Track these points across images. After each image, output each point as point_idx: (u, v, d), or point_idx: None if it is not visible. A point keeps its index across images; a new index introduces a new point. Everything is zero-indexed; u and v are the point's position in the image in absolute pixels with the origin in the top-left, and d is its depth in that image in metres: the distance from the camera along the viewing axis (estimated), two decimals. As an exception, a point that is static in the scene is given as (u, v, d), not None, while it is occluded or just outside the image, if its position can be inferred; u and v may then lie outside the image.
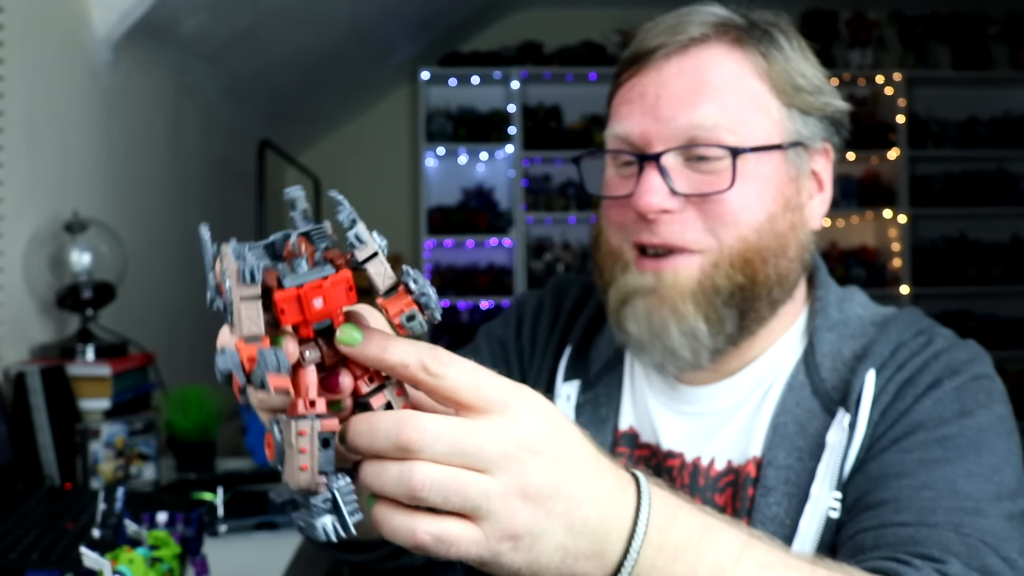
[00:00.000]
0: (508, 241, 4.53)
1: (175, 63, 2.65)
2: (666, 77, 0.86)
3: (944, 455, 0.78)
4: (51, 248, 1.77)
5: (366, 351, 0.49)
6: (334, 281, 0.49)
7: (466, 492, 0.48)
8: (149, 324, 2.35)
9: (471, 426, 0.49)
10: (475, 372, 0.50)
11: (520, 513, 0.49)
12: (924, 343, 0.86)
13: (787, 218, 0.86)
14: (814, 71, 0.89)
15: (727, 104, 0.84)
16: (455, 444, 0.48)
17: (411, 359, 0.49)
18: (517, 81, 4.44)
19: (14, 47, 1.72)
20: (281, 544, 1.31)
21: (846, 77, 4.64)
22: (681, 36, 0.87)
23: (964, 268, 4.69)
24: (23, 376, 1.53)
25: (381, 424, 0.48)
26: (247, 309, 0.47)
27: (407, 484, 0.47)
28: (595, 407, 0.96)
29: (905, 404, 0.82)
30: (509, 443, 0.49)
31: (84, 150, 2.07)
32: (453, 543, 0.49)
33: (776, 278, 0.86)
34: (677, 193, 0.84)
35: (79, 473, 1.54)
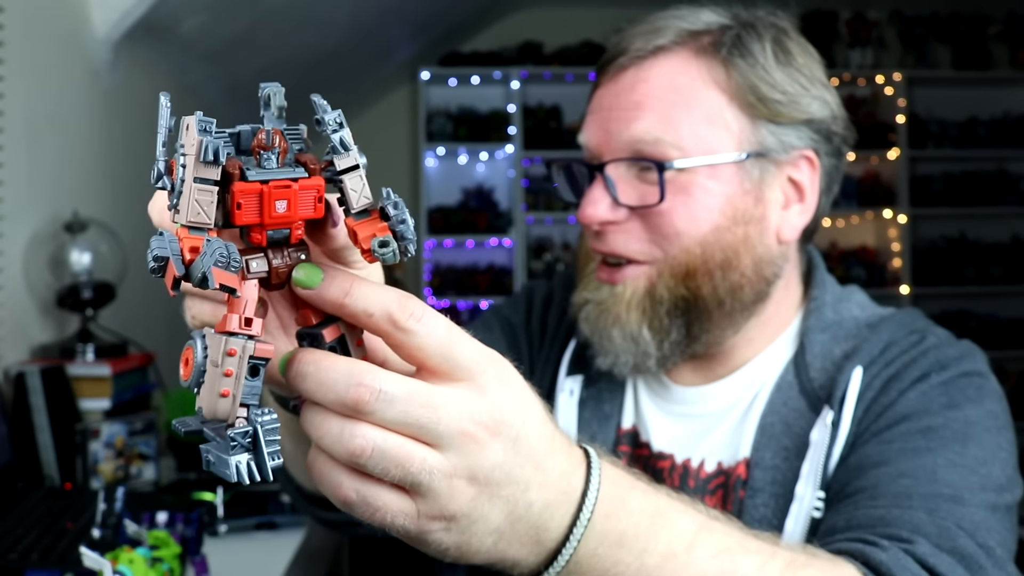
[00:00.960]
0: (508, 241, 4.53)
1: (175, 63, 2.65)
2: (619, 89, 0.87)
3: (927, 445, 0.77)
4: (51, 248, 1.77)
5: (325, 294, 0.44)
6: (304, 185, 0.43)
7: (409, 467, 0.44)
8: (149, 324, 2.35)
9: (432, 394, 0.44)
10: (449, 332, 0.45)
11: (462, 496, 0.45)
12: (915, 341, 0.86)
13: (737, 231, 0.84)
14: (790, 78, 0.86)
15: (672, 118, 0.84)
16: (409, 413, 0.43)
17: (376, 308, 0.44)
18: (517, 81, 4.44)
19: (14, 47, 1.72)
20: (281, 544, 1.31)
21: (846, 77, 4.64)
22: (640, 47, 0.87)
23: (964, 268, 4.69)
24: (23, 376, 1.53)
25: (331, 372, 0.43)
26: (200, 192, 0.41)
27: (347, 445, 0.43)
28: (598, 403, 0.96)
29: (890, 398, 0.82)
30: (469, 420, 0.45)
31: (84, 150, 2.07)
32: (380, 510, 0.45)
33: (726, 291, 0.85)
34: (620, 204, 0.85)
35: (79, 473, 1.54)
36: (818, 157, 0.88)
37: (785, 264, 0.89)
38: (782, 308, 0.92)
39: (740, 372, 0.92)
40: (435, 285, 4.52)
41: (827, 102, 0.88)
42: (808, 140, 0.87)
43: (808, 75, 0.87)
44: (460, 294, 4.51)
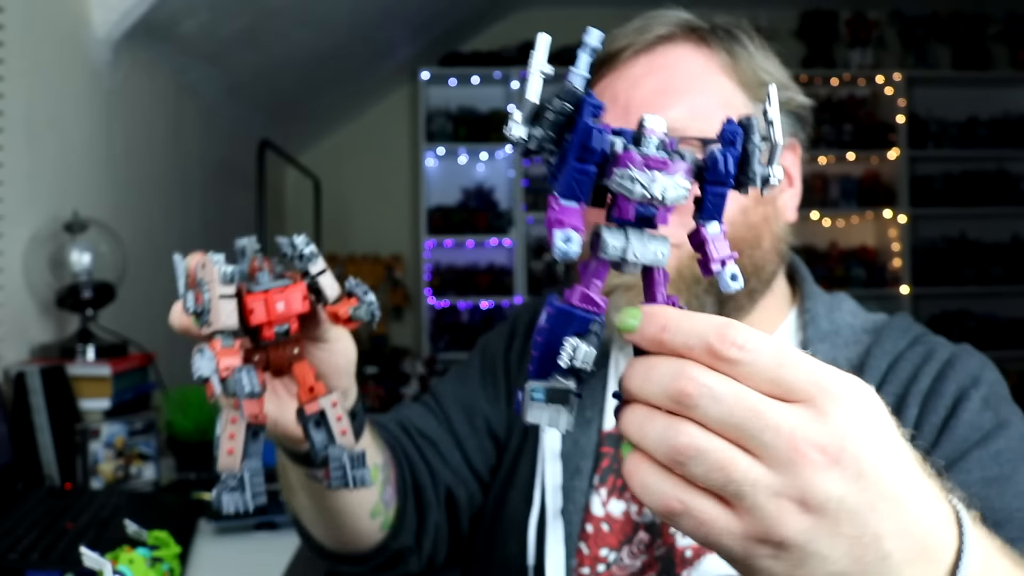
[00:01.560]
0: (508, 241, 4.53)
1: (175, 63, 2.65)
2: (635, 77, 0.88)
3: (1002, 471, 0.78)
4: (51, 248, 1.77)
5: (644, 332, 0.43)
6: (292, 289, 0.59)
7: (732, 473, 0.41)
8: (149, 324, 2.35)
9: (760, 401, 0.41)
10: (778, 356, 0.41)
11: (793, 521, 0.41)
12: (924, 354, 0.87)
13: (759, 210, 0.87)
14: (776, 67, 0.90)
15: (695, 104, 0.86)
16: (735, 413, 0.41)
17: (695, 340, 0.42)
18: (517, 81, 4.44)
19: (14, 47, 1.72)
20: (281, 544, 1.31)
21: (846, 77, 4.64)
22: (648, 35, 0.89)
23: (964, 268, 4.69)
24: (23, 376, 1.53)
25: (658, 367, 0.42)
26: (226, 304, 0.57)
27: (670, 443, 0.41)
28: (580, 410, 0.97)
29: (939, 417, 0.82)
30: (803, 440, 0.40)
31: (84, 150, 2.07)
32: (705, 524, 0.42)
33: (752, 268, 0.87)
34: None
35: (79, 473, 1.54)
36: (799, 144, 0.93)
37: (787, 247, 0.93)
38: (772, 299, 0.94)
39: None
40: (435, 285, 4.52)
41: (802, 95, 0.92)
42: (793, 128, 0.92)
43: (784, 69, 0.92)
44: (460, 294, 4.51)
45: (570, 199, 0.44)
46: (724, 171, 0.45)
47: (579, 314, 0.44)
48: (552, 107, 0.44)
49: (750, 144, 0.45)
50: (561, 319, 0.44)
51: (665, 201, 0.43)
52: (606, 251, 0.44)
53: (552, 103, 0.44)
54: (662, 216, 0.45)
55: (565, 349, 0.44)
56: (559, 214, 0.43)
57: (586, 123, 0.43)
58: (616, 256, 0.44)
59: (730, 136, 0.45)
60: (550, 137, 0.44)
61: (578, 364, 0.44)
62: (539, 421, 0.45)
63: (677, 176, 0.43)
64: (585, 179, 0.44)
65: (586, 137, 0.43)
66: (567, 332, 0.44)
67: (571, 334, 0.44)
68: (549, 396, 0.45)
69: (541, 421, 0.45)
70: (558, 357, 0.44)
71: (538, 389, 0.45)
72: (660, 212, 0.44)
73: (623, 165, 0.43)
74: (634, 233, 0.45)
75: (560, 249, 0.43)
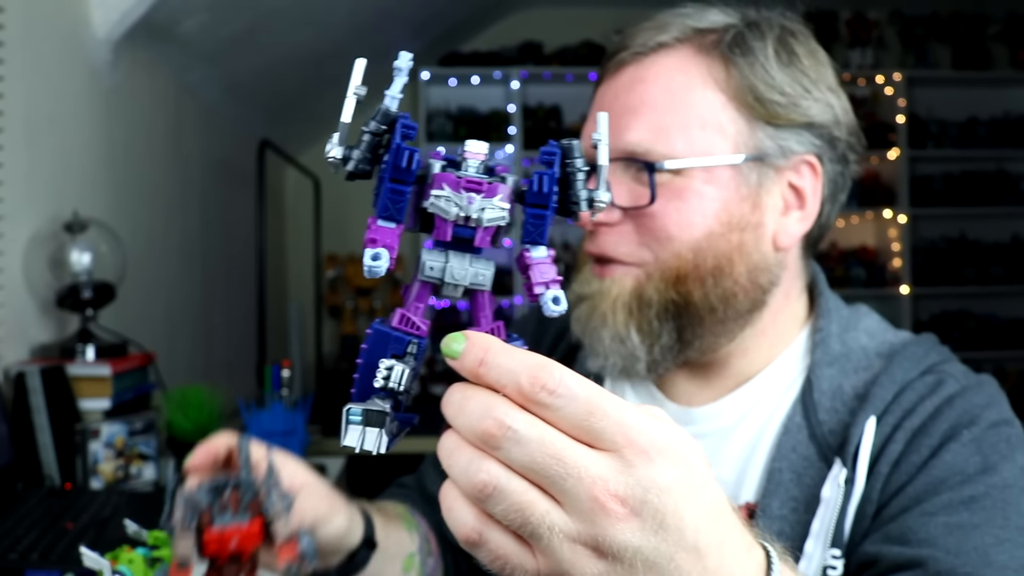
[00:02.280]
0: (508, 241, 4.52)
1: (175, 63, 2.65)
2: (616, 89, 0.86)
3: (971, 519, 0.73)
4: (51, 248, 1.77)
5: (463, 363, 0.43)
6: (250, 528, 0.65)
7: (529, 516, 0.41)
8: (149, 324, 2.35)
9: (565, 448, 0.41)
10: (589, 404, 0.41)
11: (587, 566, 0.42)
12: (933, 384, 0.81)
13: (732, 238, 0.82)
14: (792, 79, 0.83)
15: (660, 124, 0.82)
16: (537, 458, 0.41)
17: (507, 380, 0.42)
18: (517, 81, 4.44)
19: (14, 47, 1.72)
20: (281, 544, 1.30)
21: (846, 77, 4.64)
22: (643, 42, 0.85)
23: (964, 268, 4.69)
24: (23, 376, 1.53)
25: (471, 401, 0.43)
26: (183, 541, 0.65)
27: (470, 478, 0.42)
28: None
29: (921, 457, 0.77)
30: (602, 489, 0.41)
31: (84, 150, 2.07)
32: (500, 558, 0.43)
33: (718, 297, 0.83)
34: (613, 205, 0.84)
35: (79, 473, 1.54)
36: (821, 163, 0.85)
37: (782, 272, 0.87)
38: (780, 320, 0.89)
39: (739, 392, 0.88)
40: (435, 285, 4.52)
41: (831, 106, 0.85)
42: (810, 145, 0.84)
43: (813, 77, 0.84)
44: (460, 294, 4.51)
45: (387, 220, 0.44)
46: (540, 192, 0.45)
47: (396, 336, 0.45)
48: (368, 128, 0.46)
49: (570, 166, 0.46)
50: (379, 341, 0.45)
51: (482, 222, 0.44)
52: (423, 271, 0.45)
53: (368, 125, 0.46)
54: (481, 238, 0.45)
55: (380, 370, 0.44)
56: (373, 233, 0.44)
57: (398, 144, 0.44)
58: (434, 277, 0.45)
59: (547, 158, 0.46)
60: (367, 158, 0.45)
61: (392, 385, 0.44)
62: (354, 443, 0.45)
63: (496, 198, 0.44)
64: (400, 199, 0.44)
65: (399, 158, 0.44)
66: (385, 354, 0.45)
67: (389, 356, 0.45)
68: (366, 418, 0.45)
69: (356, 443, 0.45)
70: (374, 379, 0.45)
71: (355, 411, 0.45)
72: (479, 233, 0.45)
73: (438, 186, 0.44)
74: (455, 255, 0.45)
75: (367, 266, 0.43)
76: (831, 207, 0.88)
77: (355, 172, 0.45)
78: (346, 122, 0.46)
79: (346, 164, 0.45)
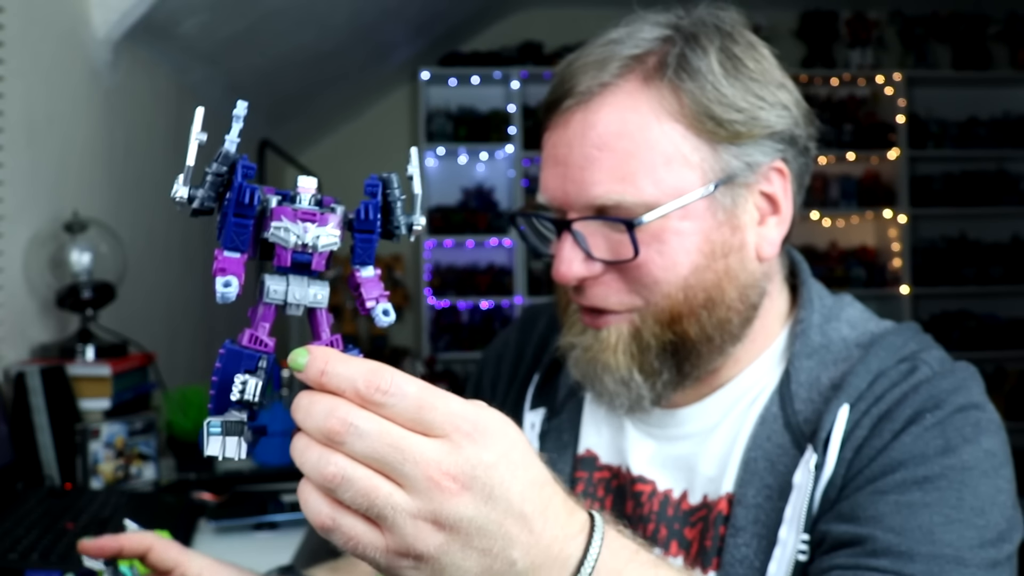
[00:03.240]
0: (508, 241, 4.53)
1: (175, 63, 2.65)
2: (569, 138, 0.83)
3: (923, 499, 0.73)
4: (51, 248, 1.77)
5: (307, 374, 0.49)
6: None
7: (375, 499, 0.47)
8: (149, 324, 2.35)
9: (402, 437, 0.47)
10: (419, 399, 0.48)
11: (429, 538, 0.48)
12: (905, 372, 0.81)
13: (718, 266, 0.82)
14: (745, 91, 0.81)
15: (628, 172, 0.79)
16: (376, 449, 0.47)
17: (346, 385, 0.48)
18: (517, 81, 4.44)
19: (14, 47, 1.72)
20: (281, 544, 1.31)
21: (846, 77, 4.64)
22: (586, 85, 0.82)
23: (964, 268, 4.69)
24: (23, 376, 1.53)
25: (316, 405, 0.48)
26: None
27: (320, 471, 0.47)
28: (558, 434, 0.96)
29: (882, 441, 0.77)
30: (435, 469, 0.47)
31: (84, 150, 2.07)
32: (352, 539, 0.48)
33: (714, 327, 0.83)
34: (595, 259, 0.82)
35: (79, 473, 1.54)
36: (787, 164, 0.84)
37: (768, 283, 0.87)
38: (767, 322, 0.89)
39: (720, 392, 0.89)
40: (435, 285, 4.53)
41: (787, 107, 0.83)
42: (774, 152, 0.83)
43: (762, 81, 0.82)
44: (460, 294, 4.51)
45: (232, 250, 0.50)
46: (366, 219, 0.51)
47: (247, 353, 0.50)
48: (211, 170, 0.50)
49: (390, 195, 0.52)
50: (232, 359, 0.50)
51: (318, 248, 0.50)
52: (268, 295, 0.50)
53: (211, 166, 0.50)
54: (317, 262, 0.50)
55: (235, 385, 0.50)
56: (221, 263, 0.49)
57: (240, 183, 0.49)
58: (277, 299, 0.50)
59: (370, 190, 0.52)
60: (211, 196, 0.50)
61: (248, 397, 0.50)
62: (217, 452, 0.50)
63: (328, 226, 0.50)
64: (243, 231, 0.50)
65: (241, 195, 0.49)
66: (238, 370, 0.50)
67: (242, 371, 0.50)
68: (225, 428, 0.51)
69: (219, 452, 0.50)
70: (231, 393, 0.50)
71: (215, 423, 0.51)
72: (315, 258, 0.50)
73: (277, 218, 0.50)
74: (295, 279, 0.51)
75: (220, 293, 0.49)
76: (799, 195, 0.88)
77: (200, 209, 0.50)
78: (190, 165, 0.50)
79: (191, 203, 0.50)
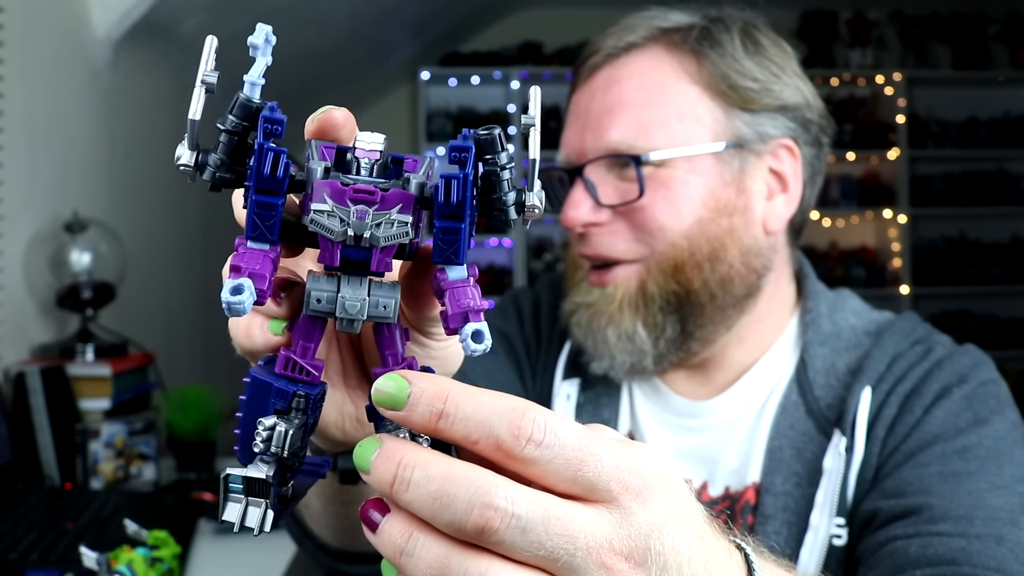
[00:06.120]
0: (508, 241, 4.53)
1: (175, 63, 2.65)
2: (592, 92, 0.88)
3: (965, 468, 0.76)
4: (51, 248, 1.77)
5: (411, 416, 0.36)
6: None
7: None
8: (149, 324, 2.35)
9: (571, 518, 0.36)
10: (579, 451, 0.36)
11: None
12: (922, 352, 0.84)
13: (722, 223, 0.84)
14: (760, 66, 0.86)
15: (640, 120, 0.84)
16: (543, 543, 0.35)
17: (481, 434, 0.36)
18: (517, 81, 4.44)
19: (14, 47, 1.72)
20: (281, 544, 1.30)
21: (846, 77, 4.64)
22: (611, 45, 0.88)
23: (964, 268, 4.69)
24: (23, 376, 1.53)
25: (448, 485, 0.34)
26: None
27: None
28: (596, 408, 0.95)
29: (914, 417, 0.80)
30: (608, 551, 0.36)
31: (84, 150, 2.07)
32: None
33: (717, 283, 0.85)
34: (602, 205, 0.85)
35: (79, 473, 1.54)
36: (797, 146, 0.88)
37: (774, 256, 0.89)
38: (775, 307, 0.91)
39: (740, 383, 0.90)
40: (435, 285, 4.52)
41: (800, 89, 0.88)
42: (785, 128, 0.87)
43: (779, 63, 0.87)
44: (460, 294, 4.51)
45: (259, 241, 0.36)
46: (450, 201, 0.36)
47: (277, 386, 0.37)
48: (223, 126, 0.36)
49: (492, 163, 0.37)
50: (259, 393, 0.37)
51: (377, 242, 0.35)
52: (309, 305, 0.37)
53: (223, 120, 0.36)
54: (379, 261, 0.36)
55: (259, 431, 0.37)
56: (238, 259, 0.36)
57: (261, 144, 0.35)
58: (322, 311, 0.36)
59: (458, 155, 0.36)
60: (226, 163, 0.36)
61: (274, 449, 0.36)
62: (233, 518, 0.37)
63: (393, 210, 0.35)
64: (270, 214, 0.35)
65: (262, 163, 0.35)
66: (266, 409, 0.37)
67: (270, 412, 0.37)
68: (247, 487, 0.37)
69: (236, 519, 0.37)
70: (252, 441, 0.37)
71: (235, 478, 0.37)
72: (376, 256, 0.36)
73: (319, 198, 0.35)
74: (349, 282, 0.37)
75: (226, 302, 0.35)
76: (811, 190, 0.91)
77: (216, 182, 0.37)
78: (194, 119, 0.36)
79: (201, 172, 0.37)
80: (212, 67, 0.36)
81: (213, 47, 0.37)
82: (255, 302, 0.35)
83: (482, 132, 0.37)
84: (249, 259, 0.36)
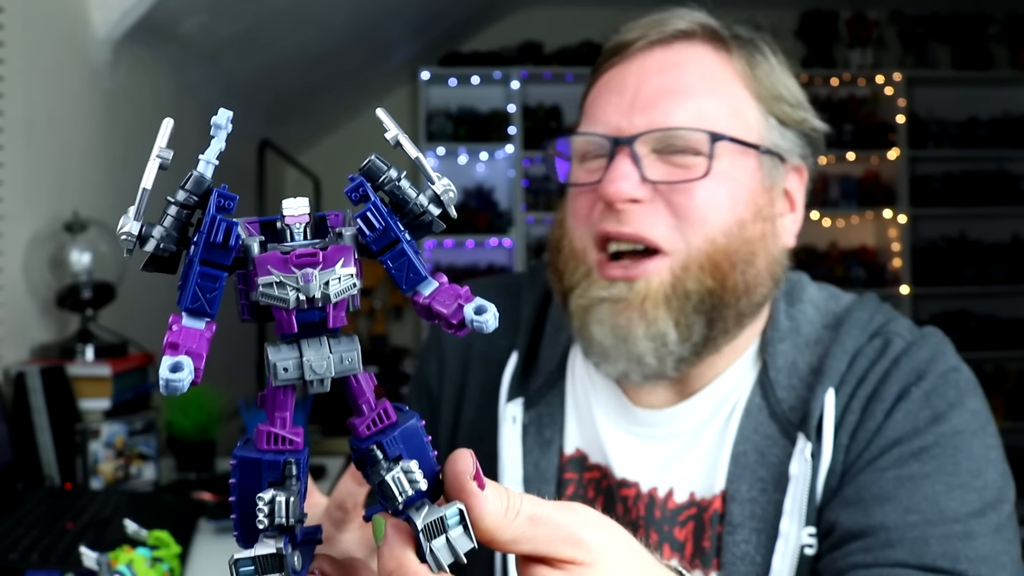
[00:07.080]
0: (508, 241, 4.53)
1: (175, 63, 2.65)
2: (647, 70, 0.84)
3: (921, 470, 0.75)
4: (51, 248, 1.77)
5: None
6: None
7: None
8: (149, 324, 2.35)
9: None
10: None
11: None
12: (880, 348, 0.83)
13: (758, 227, 0.83)
14: (795, 86, 0.88)
15: (702, 108, 0.82)
16: None
17: None
18: (517, 81, 4.44)
19: (14, 47, 1.72)
20: (281, 544, 1.31)
21: (846, 77, 4.64)
22: (666, 27, 0.85)
23: (964, 268, 4.69)
24: (23, 376, 1.53)
25: None
26: None
27: None
28: (539, 428, 0.91)
29: (876, 422, 0.79)
30: None
31: (84, 150, 2.07)
32: None
33: (745, 287, 0.82)
34: (648, 181, 0.81)
35: (79, 473, 1.54)
36: (805, 167, 0.89)
37: (783, 272, 0.88)
38: (754, 324, 0.89)
39: (705, 391, 0.87)
40: (435, 285, 4.52)
41: (814, 114, 0.89)
42: (801, 150, 0.88)
43: (801, 91, 0.89)
44: (460, 294, 4.51)
45: (194, 315, 0.37)
46: (375, 228, 0.38)
47: (267, 459, 0.38)
48: (175, 199, 0.37)
49: (386, 182, 0.39)
50: (248, 472, 0.38)
51: (330, 299, 0.36)
52: (277, 376, 0.37)
53: (176, 194, 0.37)
54: (335, 317, 0.37)
55: (259, 508, 0.37)
56: (174, 336, 0.36)
57: (214, 215, 0.36)
58: (291, 378, 0.37)
59: (356, 194, 0.38)
60: (172, 236, 0.37)
61: (279, 520, 0.37)
62: None
63: (337, 264, 0.36)
64: (213, 287, 0.36)
65: (213, 231, 0.35)
66: (260, 485, 0.38)
67: (265, 486, 0.38)
68: (259, 567, 0.38)
69: None
70: (255, 518, 0.38)
71: (245, 562, 0.38)
72: (331, 313, 0.37)
73: (263, 272, 0.36)
74: (309, 344, 0.37)
75: (164, 380, 0.34)
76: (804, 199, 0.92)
77: (156, 254, 0.37)
78: (147, 188, 0.37)
79: (144, 244, 0.37)
80: (166, 144, 0.37)
81: (169, 129, 0.38)
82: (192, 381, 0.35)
83: (363, 166, 0.39)
84: (186, 337, 0.37)
